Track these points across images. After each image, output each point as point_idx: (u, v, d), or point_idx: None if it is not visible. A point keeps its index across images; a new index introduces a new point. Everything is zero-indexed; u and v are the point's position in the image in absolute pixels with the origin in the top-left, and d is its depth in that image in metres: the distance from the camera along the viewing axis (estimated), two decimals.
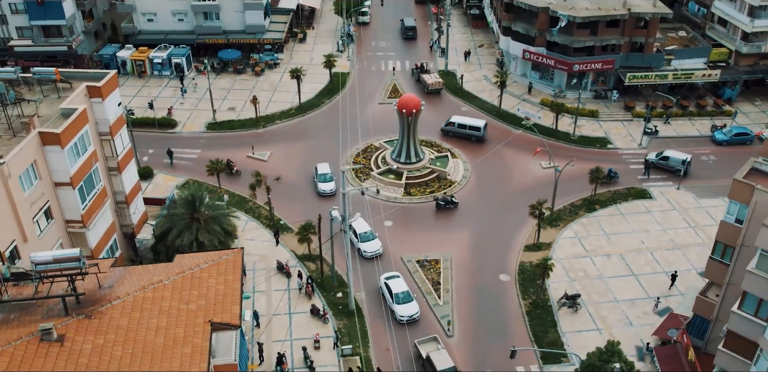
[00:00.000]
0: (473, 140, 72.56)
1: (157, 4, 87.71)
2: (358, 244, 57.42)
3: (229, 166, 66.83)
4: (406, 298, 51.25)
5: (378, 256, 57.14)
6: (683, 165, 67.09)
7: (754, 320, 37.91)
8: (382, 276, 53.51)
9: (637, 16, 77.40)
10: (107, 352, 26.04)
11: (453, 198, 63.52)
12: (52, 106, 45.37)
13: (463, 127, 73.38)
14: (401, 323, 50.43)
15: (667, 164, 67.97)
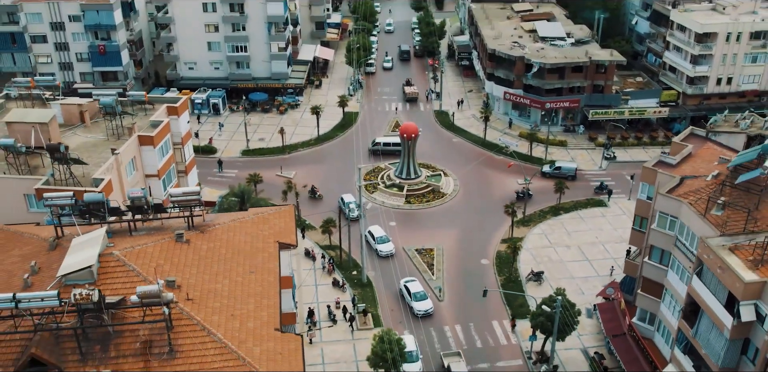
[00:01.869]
0: (398, 154, 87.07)
1: (197, 55, 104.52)
2: (375, 245, 71.15)
3: (313, 191, 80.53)
4: (422, 296, 63.15)
5: (391, 255, 70.84)
6: (574, 172, 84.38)
7: (659, 266, 52.29)
8: (401, 280, 65.28)
9: (597, 63, 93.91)
10: (216, 250, 40.22)
11: None
12: (142, 120, 60.78)
13: (387, 145, 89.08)
14: (417, 316, 61.91)
15: (560, 173, 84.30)
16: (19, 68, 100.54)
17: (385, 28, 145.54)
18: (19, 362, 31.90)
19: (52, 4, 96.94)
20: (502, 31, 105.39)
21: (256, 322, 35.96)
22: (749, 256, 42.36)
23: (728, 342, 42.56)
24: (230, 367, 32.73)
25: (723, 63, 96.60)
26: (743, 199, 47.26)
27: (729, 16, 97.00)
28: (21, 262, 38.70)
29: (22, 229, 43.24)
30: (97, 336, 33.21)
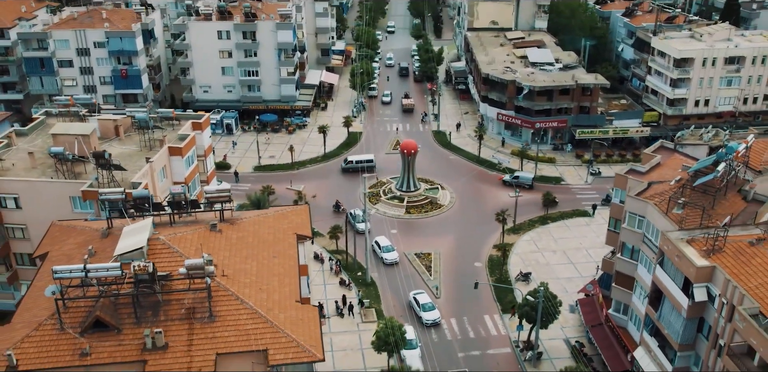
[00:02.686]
0: (368, 171, 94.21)
1: (212, 79, 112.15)
2: (381, 253, 77.38)
3: (337, 205, 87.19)
4: (431, 307, 68.28)
5: (396, 263, 77.11)
6: (530, 181, 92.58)
7: (630, 261, 59.06)
8: (410, 292, 70.53)
9: (583, 86, 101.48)
10: (244, 238, 46.89)
11: None
12: (170, 133, 67.98)
13: (359, 162, 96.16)
14: (426, 326, 67.06)
15: (518, 182, 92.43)
16: (47, 90, 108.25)
17: (386, 62, 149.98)
18: (86, 323, 38.58)
19: (79, 32, 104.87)
20: (496, 57, 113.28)
21: (280, 295, 42.73)
22: (703, 246, 49.08)
23: (686, 321, 49.13)
24: (260, 329, 39.43)
25: (700, 86, 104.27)
26: (701, 199, 54.22)
27: (705, 43, 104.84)
28: (78, 248, 45.57)
29: (74, 224, 50.31)
30: (148, 303, 39.93)
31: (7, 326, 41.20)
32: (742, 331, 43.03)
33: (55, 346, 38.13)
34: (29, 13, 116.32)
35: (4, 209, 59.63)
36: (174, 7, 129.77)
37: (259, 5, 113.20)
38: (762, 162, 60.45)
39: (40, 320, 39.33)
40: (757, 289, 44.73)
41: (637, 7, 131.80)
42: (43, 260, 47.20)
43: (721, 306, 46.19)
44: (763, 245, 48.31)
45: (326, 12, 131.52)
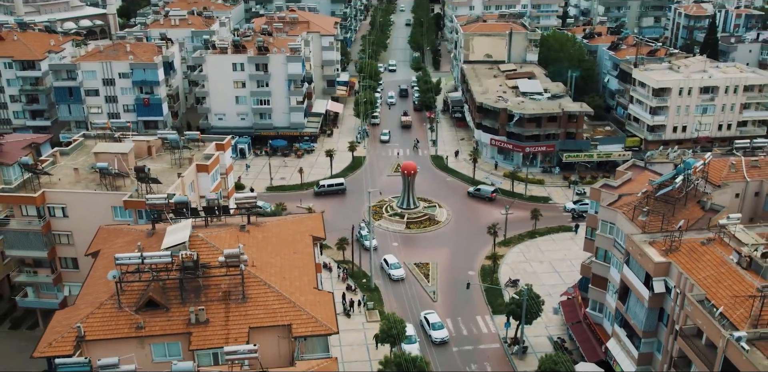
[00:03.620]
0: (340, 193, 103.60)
1: (226, 107, 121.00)
2: (389, 270, 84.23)
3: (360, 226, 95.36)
4: (440, 326, 73.60)
5: (401, 279, 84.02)
6: (489, 194, 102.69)
7: (604, 264, 67.01)
8: (421, 312, 76.11)
9: (569, 113, 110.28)
10: (268, 238, 54.80)
11: None
12: (196, 153, 76.39)
13: (331, 186, 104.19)
14: (435, 343, 71.17)
15: (479, 194, 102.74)
16: (74, 117, 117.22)
17: (387, 101, 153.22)
18: (140, 303, 46.56)
19: (105, 64, 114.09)
20: (489, 87, 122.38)
21: (300, 282, 50.76)
22: (662, 247, 57.14)
23: (648, 310, 56.97)
24: (284, 309, 47.35)
25: (677, 114, 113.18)
26: (663, 208, 62.41)
27: (682, 74, 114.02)
28: (126, 245, 53.65)
29: (120, 227, 58.60)
30: (191, 287, 47.93)
31: (72, 307, 49.30)
32: (691, 315, 50.91)
33: (115, 321, 46.05)
34: (57, 46, 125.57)
35: (53, 218, 67.74)
36: (191, 41, 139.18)
37: (271, 40, 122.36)
38: (721, 178, 68.64)
39: (101, 301, 47.34)
40: (705, 280, 52.72)
41: (622, 42, 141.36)
42: (96, 257, 55.27)
43: (676, 296, 54.10)
44: (712, 245, 56.43)
45: (332, 46, 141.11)
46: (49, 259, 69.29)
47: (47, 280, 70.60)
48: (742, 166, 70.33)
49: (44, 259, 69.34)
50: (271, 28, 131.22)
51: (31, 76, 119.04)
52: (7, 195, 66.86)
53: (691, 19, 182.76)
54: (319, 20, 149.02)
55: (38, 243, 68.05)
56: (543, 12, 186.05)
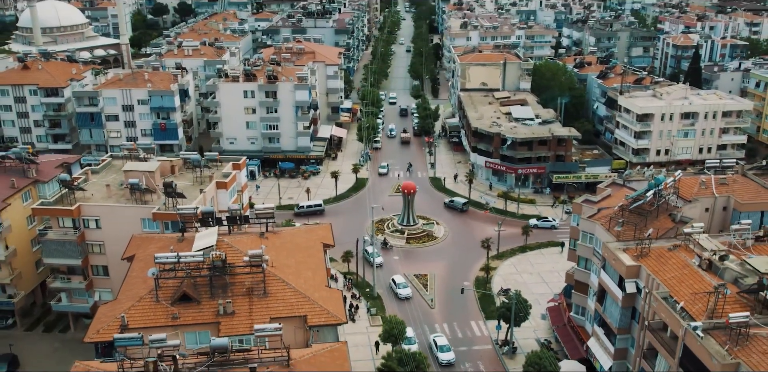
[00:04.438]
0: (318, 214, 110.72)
1: (237, 132, 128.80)
2: (397, 289, 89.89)
3: (385, 242, 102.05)
4: (447, 349, 78.09)
5: (408, 299, 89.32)
6: (462, 206, 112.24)
7: (585, 271, 74.07)
8: (431, 335, 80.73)
9: (558, 137, 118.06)
10: (284, 244, 62.11)
11: None
12: (215, 172, 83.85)
13: (310, 206, 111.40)
14: (442, 365, 74.51)
15: (453, 205, 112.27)
16: (94, 141, 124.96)
17: (387, 133, 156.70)
18: (175, 297, 53.65)
19: (125, 91, 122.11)
20: (484, 113, 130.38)
21: (313, 281, 57.91)
22: (634, 253, 64.31)
23: (621, 309, 63.92)
24: (300, 303, 54.42)
25: (660, 138, 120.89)
26: (636, 219, 69.64)
27: (664, 101, 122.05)
28: (159, 250, 60.67)
29: (151, 235, 65.95)
30: (219, 284, 55.04)
31: (114, 301, 56.48)
32: (657, 310, 57.93)
33: (153, 312, 53.13)
34: (78, 74, 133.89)
35: (87, 229, 75.01)
36: (203, 70, 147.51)
37: (280, 69, 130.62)
38: (692, 194, 75.98)
39: (141, 295, 54.47)
40: (669, 280, 59.82)
41: (610, 71, 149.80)
42: (132, 261, 62.47)
43: (646, 295, 61.14)
44: (678, 250, 63.63)
45: (336, 75, 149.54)
46: (82, 266, 76.36)
47: (80, 287, 77.59)
48: (712, 183, 77.68)
49: (78, 267, 76.46)
50: (279, 58, 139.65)
51: (54, 102, 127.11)
52: (48, 208, 74.19)
53: (678, 49, 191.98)
54: (324, 50, 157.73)
55: (73, 252, 75.20)
56: (537, 42, 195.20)
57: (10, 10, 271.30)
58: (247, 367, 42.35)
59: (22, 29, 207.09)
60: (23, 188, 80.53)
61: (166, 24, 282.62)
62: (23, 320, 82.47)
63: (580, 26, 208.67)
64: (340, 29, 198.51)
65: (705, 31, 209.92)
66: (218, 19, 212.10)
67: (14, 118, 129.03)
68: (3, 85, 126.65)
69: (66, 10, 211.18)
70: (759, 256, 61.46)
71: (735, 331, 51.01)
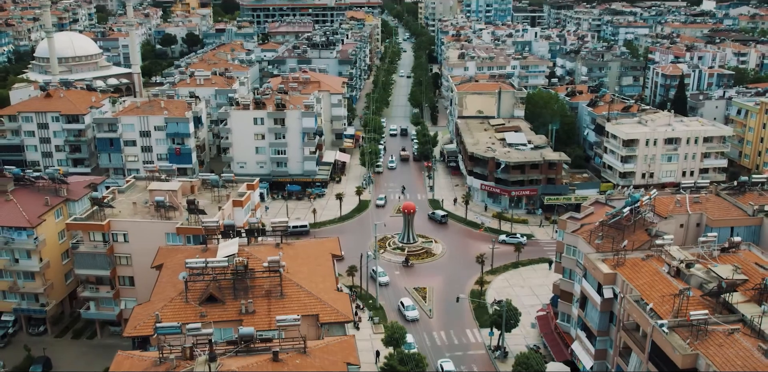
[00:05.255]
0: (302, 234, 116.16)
1: (247, 157, 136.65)
2: (405, 311, 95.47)
3: (407, 260, 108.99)
4: None
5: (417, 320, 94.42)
6: (442, 218, 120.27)
7: (569, 281, 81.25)
8: (438, 360, 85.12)
9: (549, 161, 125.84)
10: (297, 254, 69.12)
11: None
12: (231, 191, 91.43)
13: (296, 227, 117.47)
14: None
15: (434, 216, 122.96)
16: (113, 165, 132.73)
17: (388, 165, 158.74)
18: (202, 298, 60.86)
19: (143, 118, 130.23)
20: (480, 139, 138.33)
21: (323, 286, 65.14)
22: (611, 263, 71.57)
23: (600, 313, 71.00)
24: (313, 303, 61.59)
25: (645, 162, 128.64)
26: (614, 233, 77.01)
27: (649, 127, 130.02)
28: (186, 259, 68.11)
29: (177, 247, 73.34)
30: (240, 286, 62.25)
31: (148, 303, 63.64)
32: (630, 311, 65.07)
33: (183, 311, 60.24)
34: (97, 102, 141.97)
35: (116, 243, 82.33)
36: (214, 98, 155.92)
37: (287, 97, 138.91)
38: (668, 211, 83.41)
39: (172, 296, 61.67)
40: (641, 285, 66.99)
41: (600, 99, 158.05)
42: (160, 269, 69.74)
43: (621, 299, 68.31)
44: (650, 260, 70.90)
45: (340, 103, 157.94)
46: (110, 277, 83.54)
47: (107, 296, 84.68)
48: (686, 202, 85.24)
49: (106, 277, 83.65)
50: (286, 87, 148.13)
51: (75, 128, 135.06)
52: (81, 223, 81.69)
53: (667, 78, 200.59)
54: (329, 80, 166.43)
55: (103, 263, 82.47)
56: (531, 72, 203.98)
57: (24, 41, 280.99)
58: (270, 352, 49.37)
59: (39, 59, 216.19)
60: (56, 206, 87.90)
61: (174, 54, 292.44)
62: (54, 327, 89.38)
63: (573, 57, 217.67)
64: (344, 60, 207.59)
65: (693, 61, 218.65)
66: (226, 50, 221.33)
67: (37, 143, 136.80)
68: (27, 113, 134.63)
69: (81, 41, 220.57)
70: (722, 265, 68.73)
71: (695, 328, 58.10)
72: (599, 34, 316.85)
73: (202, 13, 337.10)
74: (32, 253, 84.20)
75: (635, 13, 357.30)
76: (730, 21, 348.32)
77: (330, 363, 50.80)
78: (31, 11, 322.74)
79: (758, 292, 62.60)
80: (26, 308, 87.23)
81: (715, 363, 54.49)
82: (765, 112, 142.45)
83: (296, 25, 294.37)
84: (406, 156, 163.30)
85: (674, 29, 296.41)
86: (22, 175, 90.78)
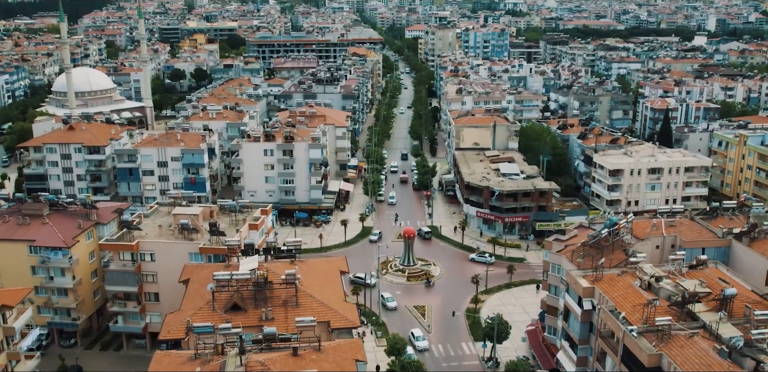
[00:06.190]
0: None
1: (257, 186, 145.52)
2: (415, 341, 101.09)
3: (428, 280, 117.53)
4: None
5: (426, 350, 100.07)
6: (426, 234, 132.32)
7: (554, 297, 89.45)
8: None
9: (540, 190, 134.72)
10: (309, 269, 77.12)
11: None
12: (247, 216, 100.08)
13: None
14: None
15: (420, 233, 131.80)
16: (132, 193, 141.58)
17: (388, 201, 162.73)
18: (227, 306, 69.22)
19: (161, 149, 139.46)
20: (476, 169, 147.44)
21: (333, 297, 73.51)
22: (591, 278, 79.94)
23: (581, 324, 79.18)
24: (324, 311, 69.91)
25: (630, 190, 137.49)
26: (594, 252, 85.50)
27: (633, 158, 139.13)
28: (210, 275, 76.54)
29: (200, 264, 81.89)
30: (260, 297, 70.62)
31: (179, 311, 71.94)
32: (605, 320, 73.33)
33: (211, 317, 68.43)
34: (117, 135, 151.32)
35: (143, 262, 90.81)
36: (226, 131, 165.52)
37: (295, 130, 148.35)
38: (645, 234, 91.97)
39: (200, 305, 70.04)
40: (616, 297, 75.28)
41: (590, 132, 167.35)
42: (187, 283, 78.14)
43: (599, 310, 76.59)
44: (625, 276, 79.28)
45: (344, 135, 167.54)
46: (137, 293, 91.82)
47: (134, 310, 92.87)
48: (662, 225, 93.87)
49: (134, 293, 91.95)
50: (294, 120, 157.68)
51: (96, 159, 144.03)
52: (113, 243, 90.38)
53: (655, 112, 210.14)
54: (333, 114, 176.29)
55: (131, 280, 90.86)
56: (526, 106, 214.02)
57: (39, 75, 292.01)
58: (290, 348, 57.67)
59: (56, 93, 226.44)
60: (87, 228, 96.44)
61: (182, 88, 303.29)
62: (83, 340, 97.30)
63: (566, 91, 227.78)
64: (347, 95, 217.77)
65: (681, 95, 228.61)
66: (235, 85, 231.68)
67: (60, 173, 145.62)
68: (52, 144, 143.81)
69: (96, 76, 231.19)
70: (689, 280, 77.18)
71: (661, 332, 66.35)
72: (593, 69, 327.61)
73: (209, 49, 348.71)
74: (66, 271, 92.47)
75: (628, 49, 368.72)
76: (720, 56, 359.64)
77: (341, 359, 59.04)
78: (44, 46, 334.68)
79: (719, 302, 70.89)
80: (59, 322, 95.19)
81: (676, 361, 62.59)
82: (743, 144, 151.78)
83: (301, 61, 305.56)
84: (405, 178, 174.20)
85: (665, 64, 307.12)
86: (56, 201, 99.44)
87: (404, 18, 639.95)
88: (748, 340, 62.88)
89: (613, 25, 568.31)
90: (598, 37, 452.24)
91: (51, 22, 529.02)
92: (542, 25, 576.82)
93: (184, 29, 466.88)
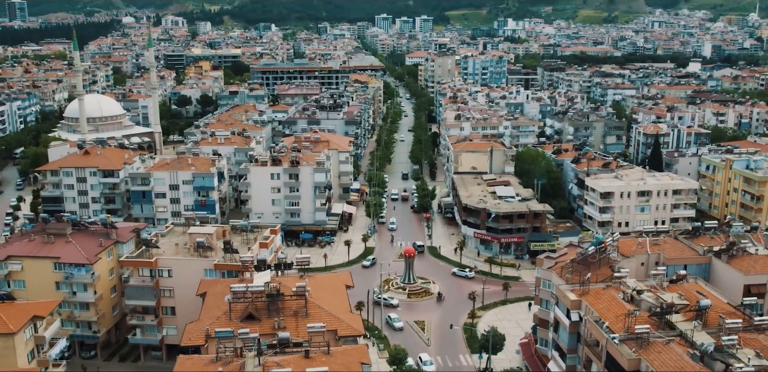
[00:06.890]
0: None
1: (264, 208, 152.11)
2: (423, 366, 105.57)
3: (440, 295, 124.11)
4: None
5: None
6: (418, 247, 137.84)
7: (545, 310, 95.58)
8: None
9: (534, 212, 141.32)
10: (318, 284, 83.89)
11: None
12: (257, 235, 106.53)
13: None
14: None
15: (414, 247, 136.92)
16: (144, 214, 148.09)
17: (389, 227, 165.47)
18: (243, 316, 75.51)
19: (173, 173, 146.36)
20: (473, 192, 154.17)
21: (339, 308, 79.82)
22: (578, 292, 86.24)
23: (569, 335, 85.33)
24: (332, 321, 76.13)
25: (620, 212, 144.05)
26: (582, 268, 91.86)
27: (623, 181, 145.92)
28: (225, 288, 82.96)
29: (216, 279, 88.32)
30: (273, 307, 76.93)
31: (198, 321, 78.20)
32: (590, 329, 79.56)
33: (227, 326, 74.60)
34: (130, 159, 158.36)
35: (161, 277, 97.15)
36: (233, 156, 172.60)
37: (301, 155, 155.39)
38: (631, 252, 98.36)
39: (218, 315, 76.35)
40: (601, 309, 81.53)
41: (583, 156, 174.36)
42: (204, 296, 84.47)
43: (585, 321, 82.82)
44: (610, 289, 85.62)
45: (347, 160, 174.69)
46: (155, 307, 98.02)
47: (152, 323, 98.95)
48: (647, 244, 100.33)
49: (152, 307, 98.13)
50: (299, 145, 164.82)
51: (110, 182, 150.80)
52: (133, 260, 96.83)
53: (648, 137, 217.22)
54: (337, 139, 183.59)
55: (149, 295, 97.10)
56: (522, 132, 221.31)
57: (49, 101, 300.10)
58: (303, 351, 63.95)
59: (68, 118, 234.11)
60: (108, 246, 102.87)
61: (188, 114, 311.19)
62: (103, 352, 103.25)
63: (561, 117, 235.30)
64: (350, 121, 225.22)
65: (674, 121, 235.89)
66: (240, 111, 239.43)
67: (75, 195, 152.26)
68: (68, 168, 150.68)
69: (107, 103, 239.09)
70: (669, 293, 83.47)
71: (640, 339, 72.53)
72: (589, 95, 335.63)
73: (214, 76, 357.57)
74: (88, 287, 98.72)
75: (623, 75, 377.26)
76: (713, 82, 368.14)
77: (348, 361, 65.26)
78: (53, 73, 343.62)
79: (695, 313, 77.12)
80: (81, 334, 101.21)
81: (653, 365, 68.75)
82: (729, 168, 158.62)
83: (304, 88, 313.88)
84: (406, 196, 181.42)
85: (659, 90, 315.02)
86: (79, 221, 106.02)
87: (404, 45, 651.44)
88: (719, 346, 69.06)
89: (610, 52, 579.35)
90: (595, 63, 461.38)
91: (57, 49, 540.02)
92: (540, 52, 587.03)
93: (189, 56, 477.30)
